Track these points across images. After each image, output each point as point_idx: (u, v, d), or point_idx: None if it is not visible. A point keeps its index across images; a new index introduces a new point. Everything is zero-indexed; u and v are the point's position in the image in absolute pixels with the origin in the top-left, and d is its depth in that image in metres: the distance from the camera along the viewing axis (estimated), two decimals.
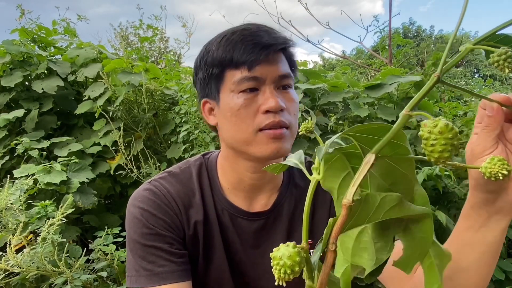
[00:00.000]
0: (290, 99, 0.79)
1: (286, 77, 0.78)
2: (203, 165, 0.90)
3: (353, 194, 0.32)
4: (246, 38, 0.75)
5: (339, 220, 0.32)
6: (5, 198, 1.78)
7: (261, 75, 0.75)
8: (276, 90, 0.77)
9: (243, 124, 0.77)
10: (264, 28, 0.78)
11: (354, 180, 0.32)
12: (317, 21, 3.47)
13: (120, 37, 10.07)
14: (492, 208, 0.55)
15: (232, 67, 0.76)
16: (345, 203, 0.32)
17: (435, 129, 0.30)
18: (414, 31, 25.07)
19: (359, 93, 2.19)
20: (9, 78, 2.58)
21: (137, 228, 0.80)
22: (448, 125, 0.30)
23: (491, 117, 0.49)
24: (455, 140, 0.30)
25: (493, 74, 7.62)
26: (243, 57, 0.74)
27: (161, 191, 0.83)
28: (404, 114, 0.32)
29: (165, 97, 2.71)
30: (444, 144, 0.30)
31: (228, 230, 0.87)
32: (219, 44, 0.77)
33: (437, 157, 0.31)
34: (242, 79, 0.75)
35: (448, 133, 0.30)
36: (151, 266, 0.79)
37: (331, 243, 0.32)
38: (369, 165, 0.32)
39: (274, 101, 0.74)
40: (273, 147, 0.76)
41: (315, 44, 3.56)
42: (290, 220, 0.89)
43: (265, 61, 0.75)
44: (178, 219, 0.83)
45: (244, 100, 0.76)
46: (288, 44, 0.79)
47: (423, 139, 0.31)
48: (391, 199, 0.34)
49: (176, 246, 0.82)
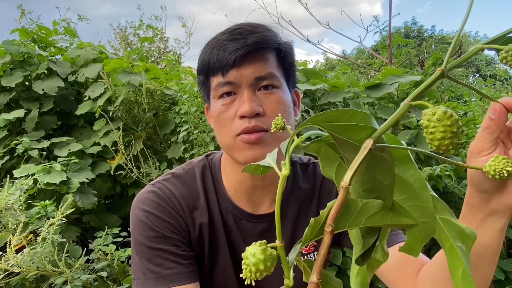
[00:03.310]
0: (273, 101, 0.76)
1: (265, 78, 0.76)
2: (207, 166, 0.89)
3: (350, 177, 0.32)
4: (220, 42, 0.74)
5: (337, 202, 0.32)
6: (5, 198, 1.78)
7: (235, 79, 0.74)
8: (256, 92, 0.76)
9: (223, 129, 0.77)
10: (246, 28, 0.75)
11: (352, 164, 0.32)
12: (317, 21, 3.47)
13: (120, 37, 10.07)
14: (486, 209, 0.55)
15: (210, 73, 0.77)
16: (342, 185, 0.32)
17: (434, 116, 0.30)
18: (416, 31, 25.07)
19: (359, 93, 2.19)
20: (10, 78, 2.58)
21: (143, 231, 0.80)
22: (446, 112, 0.30)
23: (492, 119, 0.49)
24: (454, 127, 0.30)
25: (493, 74, 7.62)
26: (216, 63, 0.74)
27: (165, 193, 0.83)
28: (405, 103, 0.32)
29: (165, 97, 2.71)
30: (443, 131, 0.30)
31: (233, 232, 0.87)
32: (204, 50, 0.78)
33: (437, 144, 0.30)
34: (218, 85, 0.76)
35: (446, 120, 0.30)
36: (158, 269, 0.78)
37: (328, 225, 0.31)
38: (367, 150, 0.32)
39: (248, 106, 0.73)
40: (249, 154, 0.75)
41: (315, 44, 3.56)
42: (294, 222, 0.89)
43: (238, 64, 0.73)
44: (183, 221, 0.83)
45: (221, 105, 0.76)
46: (267, 43, 0.75)
47: (423, 128, 0.31)
48: (373, 206, 0.34)
49: (183, 248, 0.82)
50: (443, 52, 2.99)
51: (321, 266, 0.31)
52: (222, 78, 0.75)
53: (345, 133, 0.34)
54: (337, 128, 0.34)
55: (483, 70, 18.68)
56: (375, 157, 0.34)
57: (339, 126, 0.34)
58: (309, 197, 0.91)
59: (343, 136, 0.34)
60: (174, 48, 9.69)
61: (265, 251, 0.32)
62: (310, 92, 2.15)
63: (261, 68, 0.75)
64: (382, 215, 0.34)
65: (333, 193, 0.90)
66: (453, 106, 2.43)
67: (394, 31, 4.50)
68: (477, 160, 0.51)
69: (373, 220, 0.34)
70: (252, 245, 0.33)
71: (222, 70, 0.74)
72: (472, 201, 0.56)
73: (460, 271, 0.34)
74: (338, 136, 0.34)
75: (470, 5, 0.35)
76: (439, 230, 0.35)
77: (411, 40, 3.77)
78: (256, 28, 0.76)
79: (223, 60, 0.73)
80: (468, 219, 0.57)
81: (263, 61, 0.76)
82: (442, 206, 0.35)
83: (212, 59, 0.74)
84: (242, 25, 0.76)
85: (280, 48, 0.79)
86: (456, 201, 1.82)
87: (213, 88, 0.77)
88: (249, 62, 0.74)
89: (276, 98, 0.77)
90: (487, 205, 0.54)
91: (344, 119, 0.33)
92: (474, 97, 4.09)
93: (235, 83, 0.75)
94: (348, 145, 0.34)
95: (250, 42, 0.73)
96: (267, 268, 0.32)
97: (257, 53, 0.75)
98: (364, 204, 0.34)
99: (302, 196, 0.90)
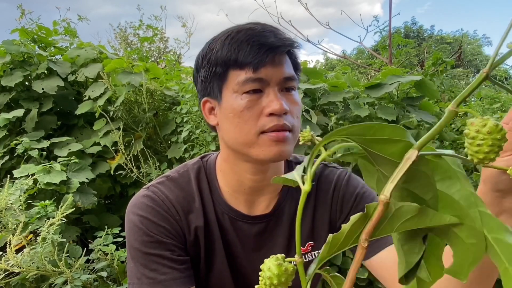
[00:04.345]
0: (293, 102, 0.78)
1: (290, 80, 0.77)
2: (202, 168, 0.88)
3: (391, 190, 0.30)
4: (252, 38, 0.73)
5: (375, 216, 0.30)
6: (5, 198, 1.78)
7: (266, 76, 0.74)
8: (280, 92, 0.76)
9: (245, 125, 0.75)
10: (270, 28, 0.76)
11: (393, 176, 0.30)
12: (317, 21, 3.48)
13: (119, 37, 10.07)
14: (498, 208, 0.55)
15: (236, 67, 0.74)
16: (382, 199, 0.30)
17: (484, 128, 0.29)
18: (415, 31, 25.08)
19: (359, 93, 2.19)
20: (9, 78, 2.58)
21: (137, 236, 0.79)
22: (498, 125, 0.29)
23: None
24: (502, 141, 0.29)
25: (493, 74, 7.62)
26: (248, 58, 0.72)
27: (160, 197, 0.82)
28: (451, 109, 0.30)
29: (166, 97, 2.70)
30: (492, 145, 0.29)
31: (229, 234, 0.86)
32: (224, 43, 0.75)
33: (482, 158, 0.29)
34: (247, 80, 0.74)
35: (497, 134, 0.29)
36: (153, 274, 0.78)
37: (364, 240, 0.30)
38: (411, 161, 0.30)
39: (278, 104, 0.73)
40: (275, 150, 0.75)
41: (315, 44, 3.56)
42: (291, 223, 0.88)
43: (270, 62, 0.73)
44: (179, 225, 0.82)
45: (247, 101, 0.74)
46: (294, 46, 0.78)
47: (468, 138, 0.30)
48: (408, 210, 0.32)
49: (178, 252, 0.81)
50: (443, 52, 2.98)
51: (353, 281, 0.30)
52: (253, 74, 0.73)
53: (375, 146, 0.32)
54: (365, 141, 0.32)
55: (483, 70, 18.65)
56: (411, 171, 0.31)
57: (367, 140, 0.32)
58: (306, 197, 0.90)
59: (373, 149, 0.33)
60: (174, 48, 9.70)
61: (280, 266, 0.32)
62: (310, 92, 2.15)
63: (289, 69, 0.77)
64: (420, 219, 0.32)
65: (329, 194, 0.89)
66: None
67: (394, 31, 4.50)
68: (498, 160, 0.51)
69: (409, 225, 0.32)
70: (270, 258, 0.33)
71: (254, 66, 0.72)
72: (485, 199, 0.56)
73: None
74: (369, 149, 0.33)
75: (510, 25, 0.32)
76: (492, 251, 0.32)
77: (411, 40, 3.77)
78: (274, 29, 0.77)
79: (257, 57, 0.72)
80: None
81: (288, 63, 0.78)
82: (496, 224, 0.32)
83: (242, 53, 0.73)
84: (257, 24, 0.77)
85: (295, 52, 0.81)
86: None
87: (239, 82, 0.74)
88: (280, 61, 0.75)
89: (295, 99, 0.79)
90: (499, 204, 0.54)
91: (371, 133, 0.31)
92: (474, 97, 4.09)
93: (265, 81, 0.74)
94: (380, 159, 0.33)
95: (288, 42, 0.75)
96: (281, 283, 0.32)
97: (285, 54, 0.77)
98: (398, 208, 0.31)
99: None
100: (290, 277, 0.32)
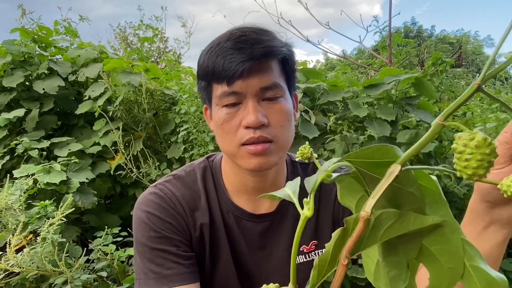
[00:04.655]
0: (277, 111, 0.76)
1: (269, 89, 0.75)
2: (208, 168, 0.90)
3: (372, 206, 0.29)
4: (226, 51, 0.73)
5: (355, 233, 0.29)
6: (5, 198, 1.78)
7: (240, 89, 0.74)
8: (260, 102, 0.75)
9: (227, 137, 0.77)
10: (251, 36, 0.74)
11: (375, 191, 0.29)
12: (317, 21, 3.48)
13: (119, 37, 10.07)
14: (488, 218, 0.55)
15: (214, 81, 0.76)
16: (362, 216, 0.29)
17: (472, 142, 0.27)
18: (415, 31, 25.06)
19: (359, 93, 2.19)
20: (10, 78, 2.58)
21: (144, 232, 0.81)
22: (486, 139, 0.27)
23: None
24: (492, 156, 0.27)
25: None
26: (222, 73, 0.72)
27: (167, 194, 0.84)
28: (438, 123, 0.29)
29: (165, 97, 2.71)
30: (481, 159, 0.27)
31: (234, 232, 0.87)
32: (205, 56, 0.76)
33: (470, 174, 0.28)
34: (223, 94, 0.75)
35: (485, 148, 0.27)
36: (159, 269, 0.79)
37: (344, 257, 0.29)
38: (393, 176, 0.29)
39: (253, 117, 0.73)
40: (255, 162, 0.76)
41: (315, 44, 3.56)
42: (295, 221, 0.89)
43: (245, 75, 0.72)
44: (185, 222, 0.83)
45: (225, 114, 0.76)
46: (275, 53, 0.75)
47: (456, 153, 0.28)
48: (388, 217, 0.31)
49: (184, 248, 0.82)
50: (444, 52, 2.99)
51: None
52: (228, 88, 0.74)
53: (376, 170, 0.32)
54: (369, 165, 0.32)
55: None
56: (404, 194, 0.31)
57: (372, 164, 0.31)
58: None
59: (373, 173, 0.32)
60: (174, 48, 9.70)
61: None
62: (309, 91, 2.15)
63: (267, 79, 0.75)
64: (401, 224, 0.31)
65: (333, 194, 0.90)
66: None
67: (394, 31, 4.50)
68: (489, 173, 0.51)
69: (391, 232, 0.31)
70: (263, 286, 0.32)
71: (228, 80, 0.73)
72: (476, 208, 0.56)
73: None
74: (368, 172, 0.32)
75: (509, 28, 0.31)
76: (468, 277, 0.32)
77: (411, 40, 3.77)
78: (261, 36, 0.75)
79: (230, 71, 0.71)
80: (470, 225, 0.57)
81: (268, 71, 0.75)
82: (473, 251, 0.32)
83: (217, 68, 0.73)
84: (246, 31, 0.75)
85: (285, 57, 0.78)
86: (455, 201, 1.82)
87: (217, 96, 0.76)
88: (255, 72, 0.73)
89: (280, 108, 0.77)
90: (489, 213, 0.55)
91: (377, 156, 0.31)
92: (474, 97, 4.08)
93: (241, 93, 0.74)
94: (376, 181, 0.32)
95: (258, 54, 0.72)
96: None
97: (263, 64, 0.74)
98: (378, 216, 0.31)
99: (303, 194, 0.90)
100: None
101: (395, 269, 0.34)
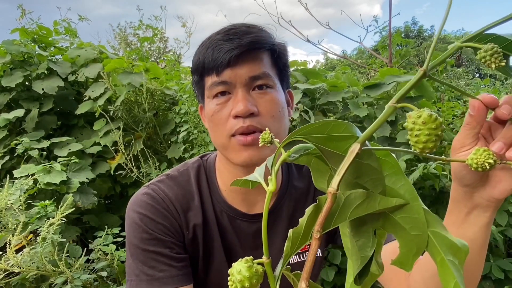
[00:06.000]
0: (267, 101, 0.76)
1: (259, 78, 0.76)
2: (201, 167, 0.89)
3: (338, 182, 0.31)
4: (215, 42, 0.74)
5: (325, 208, 0.31)
6: (5, 198, 1.78)
7: (229, 78, 0.74)
8: (250, 92, 0.76)
9: (218, 129, 0.77)
10: (241, 29, 0.76)
11: (339, 169, 0.32)
12: (317, 21, 3.47)
13: (119, 37, 10.07)
14: (470, 203, 0.56)
15: (205, 73, 0.77)
16: (329, 191, 0.31)
17: (419, 119, 0.31)
18: (416, 31, 25.06)
19: (359, 93, 2.19)
20: (10, 78, 2.58)
21: (137, 233, 0.80)
22: (431, 115, 0.30)
23: (472, 115, 0.50)
24: (439, 130, 0.31)
25: (493, 74, 7.62)
26: (211, 63, 0.74)
27: (159, 195, 0.83)
28: (390, 105, 0.32)
29: (166, 97, 2.71)
30: (428, 134, 0.30)
31: (228, 232, 0.87)
32: (197, 51, 0.78)
33: (421, 147, 0.31)
34: (212, 84, 0.76)
35: (431, 124, 0.30)
36: (151, 271, 0.79)
37: (316, 231, 0.31)
38: (354, 154, 0.31)
39: (242, 105, 0.73)
40: (245, 155, 0.75)
41: (315, 44, 3.56)
42: (289, 221, 0.89)
43: (232, 64, 0.73)
44: (177, 223, 0.83)
45: (216, 105, 0.76)
46: (262, 43, 0.75)
47: (408, 130, 0.32)
48: (356, 196, 0.33)
49: (176, 250, 0.82)
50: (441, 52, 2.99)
51: (310, 272, 0.31)
52: (217, 78, 0.75)
53: (330, 144, 0.34)
54: (322, 140, 0.33)
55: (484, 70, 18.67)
56: (363, 166, 0.33)
57: (324, 138, 0.33)
58: (304, 196, 0.91)
59: (328, 147, 0.34)
60: (174, 48, 9.70)
61: (251, 268, 0.33)
62: (309, 92, 2.16)
63: (256, 68, 0.75)
64: (369, 204, 0.33)
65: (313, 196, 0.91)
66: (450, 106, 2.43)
67: (394, 31, 4.50)
68: (459, 155, 0.52)
69: (360, 211, 0.33)
70: (238, 261, 0.34)
71: (216, 69, 0.74)
72: (456, 195, 0.57)
73: (452, 284, 0.33)
74: (324, 147, 0.34)
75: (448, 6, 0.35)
76: (430, 243, 0.35)
77: (411, 40, 3.77)
78: (250, 29, 0.76)
79: (218, 60, 0.73)
80: (453, 214, 0.58)
81: (258, 61, 0.76)
82: (433, 219, 0.35)
83: (206, 59, 0.75)
84: (236, 26, 0.77)
85: (274, 49, 0.79)
86: None
87: (208, 87, 0.77)
88: (243, 62, 0.74)
89: (270, 97, 0.77)
90: (470, 199, 0.55)
91: (327, 130, 0.33)
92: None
93: (230, 83, 0.75)
94: (335, 157, 0.34)
95: (245, 42, 0.73)
96: (253, 285, 0.32)
97: (251, 53, 0.75)
98: (347, 196, 0.33)
99: (297, 195, 0.90)
100: (260, 278, 0.33)
101: (362, 238, 0.36)
